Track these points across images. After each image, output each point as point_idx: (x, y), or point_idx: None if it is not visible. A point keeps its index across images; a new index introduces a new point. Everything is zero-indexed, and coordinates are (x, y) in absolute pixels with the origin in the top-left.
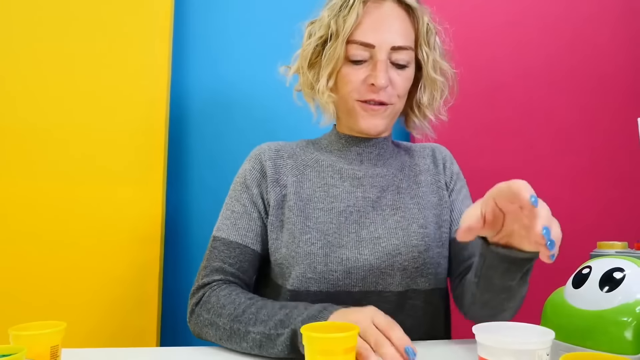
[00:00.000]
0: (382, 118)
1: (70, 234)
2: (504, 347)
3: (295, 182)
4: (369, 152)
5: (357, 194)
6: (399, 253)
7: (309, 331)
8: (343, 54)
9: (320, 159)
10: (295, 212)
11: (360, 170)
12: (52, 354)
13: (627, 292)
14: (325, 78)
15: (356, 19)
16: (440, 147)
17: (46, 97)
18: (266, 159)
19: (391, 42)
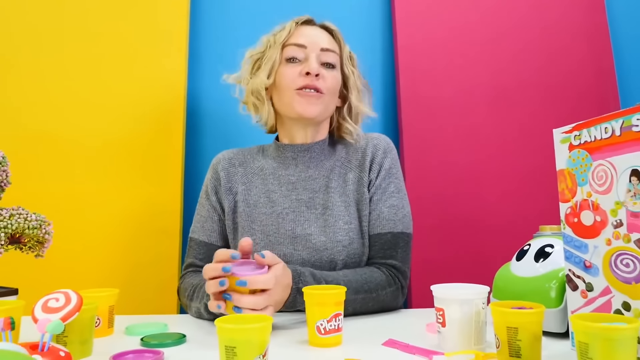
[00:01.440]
0: (316, 105)
1: (100, 227)
2: (451, 298)
3: (244, 190)
4: (302, 156)
5: (292, 197)
6: (326, 248)
7: (308, 289)
8: (279, 56)
9: (265, 167)
10: (244, 218)
11: (294, 175)
12: (109, 311)
13: (554, 262)
14: (265, 74)
15: (289, 32)
16: (376, 139)
17: (80, 106)
18: (220, 169)
19: (320, 44)
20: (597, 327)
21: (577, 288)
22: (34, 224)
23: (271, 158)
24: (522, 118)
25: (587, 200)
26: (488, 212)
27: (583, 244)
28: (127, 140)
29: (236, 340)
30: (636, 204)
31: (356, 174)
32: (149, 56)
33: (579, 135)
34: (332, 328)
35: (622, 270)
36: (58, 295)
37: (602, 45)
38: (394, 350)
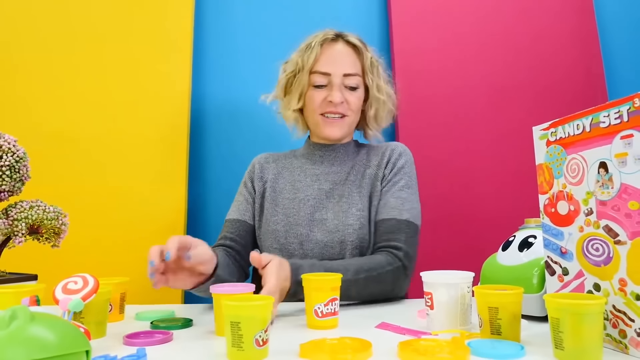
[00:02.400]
0: (340, 127)
1: (110, 223)
2: (439, 282)
3: (273, 179)
4: (328, 155)
5: (315, 186)
6: (338, 230)
7: (307, 276)
8: (307, 81)
9: (294, 163)
10: (269, 201)
11: (319, 169)
12: (121, 298)
13: (536, 252)
14: (295, 99)
15: (315, 56)
16: (396, 145)
17: (91, 108)
18: (256, 163)
19: (342, 70)
20: (566, 302)
21: (554, 273)
22: (52, 215)
23: (301, 156)
24: (513, 119)
25: (562, 191)
26: (478, 207)
27: (559, 232)
28: (134, 141)
29: (241, 316)
30: (604, 193)
31: (373, 170)
32: (155, 60)
33: (555, 132)
34: (329, 311)
35: (592, 255)
36: (76, 278)
37: (592, 48)
38: (386, 332)
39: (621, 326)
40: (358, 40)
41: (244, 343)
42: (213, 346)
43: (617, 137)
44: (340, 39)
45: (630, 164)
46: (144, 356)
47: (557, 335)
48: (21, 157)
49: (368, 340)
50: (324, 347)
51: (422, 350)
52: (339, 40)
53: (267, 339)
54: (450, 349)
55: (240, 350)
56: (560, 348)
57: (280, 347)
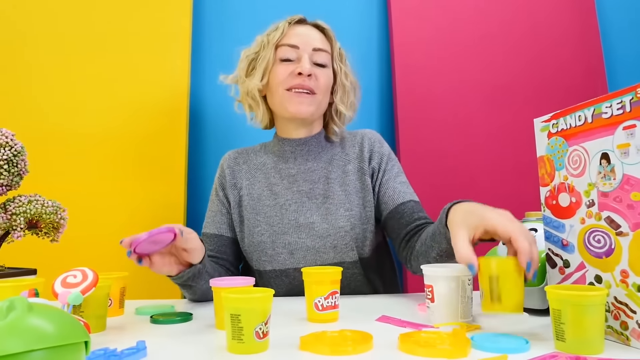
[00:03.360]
0: (309, 104)
1: (109, 218)
2: (439, 275)
3: (248, 184)
4: (300, 149)
5: (293, 188)
6: (329, 234)
7: (308, 269)
8: (273, 56)
9: (266, 162)
10: (249, 210)
11: (294, 168)
12: (120, 293)
13: (537, 244)
14: (259, 76)
15: (282, 32)
16: (369, 133)
17: (90, 106)
18: (226, 167)
19: (312, 44)
20: (567, 294)
21: (555, 265)
22: (50, 209)
23: (271, 153)
24: (512, 112)
25: (564, 183)
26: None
27: (561, 224)
28: (134, 137)
29: (241, 308)
30: (606, 185)
31: (355, 164)
32: (153, 58)
33: (556, 124)
34: (329, 305)
35: (594, 246)
36: (75, 272)
37: (592, 42)
38: (387, 325)
39: (623, 318)
40: (327, 25)
41: (244, 335)
42: (213, 339)
43: (619, 127)
44: (308, 23)
45: (633, 154)
46: (144, 349)
47: (559, 327)
48: (19, 151)
49: (369, 333)
50: (325, 340)
51: (422, 342)
52: (307, 23)
53: (267, 332)
54: (451, 341)
55: (240, 342)
56: (561, 340)
57: (280, 340)
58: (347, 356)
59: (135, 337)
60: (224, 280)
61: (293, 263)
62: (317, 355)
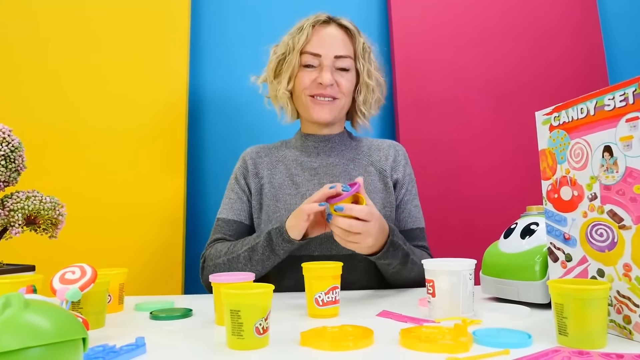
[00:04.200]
0: (330, 110)
1: (109, 214)
2: (440, 269)
3: (269, 174)
4: (323, 145)
5: (315, 181)
6: None
7: (308, 265)
8: (298, 62)
9: (288, 155)
10: (269, 197)
11: (316, 162)
12: (120, 289)
13: (538, 238)
14: (286, 80)
15: (307, 37)
16: (398, 146)
17: (91, 102)
18: (248, 159)
19: (334, 52)
20: (570, 288)
21: (557, 259)
22: (49, 205)
23: (294, 147)
24: (513, 108)
25: (565, 176)
26: (480, 195)
27: (563, 218)
28: (133, 133)
29: (241, 304)
30: (608, 178)
31: (377, 167)
32: (152, 53)
33: (558, 117)
34: (330, 300)
35: (596, 240)
36: (74, 268)
37: (594, 39)
38: (387, 320)
39: (625, 312)
40: (351, 23)
41: (244, 331)
42: (213, 335)
43: (622, 120)
44: (333, 22)
45: (636, 147)
46: (143, 345)
47: (561, 321)
48: (16, 147)
49: (369, 328)
50: (325, 335)
51: (423, 337)
52: (331, 23)
53: (267, 327)
54: (453, 335)
55: (240, 338)
56: (564, 334)
57: (280, 336)
58: (347, 351)
59: (135, 334)
60: (223, 276)
61: (309, 250)
62: (317, 351)
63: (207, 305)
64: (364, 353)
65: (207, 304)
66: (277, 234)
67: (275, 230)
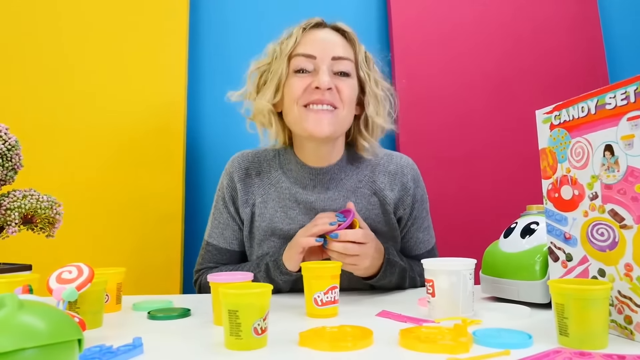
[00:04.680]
0: (329, 122)
1: (107, 212)
2: (440, 269)
3: (261, 202)
4: (321, 179)
5: (310, 215)
6: None
7: (307, 264)
8: (286, 67)
9: (281, 181)
10: (260, 231)
11: (312, 196)
12: (117, 288)
13: (539, 238)
14: (272, 91)
15: (296, 41)
16: (407, 168)
17: (89, 101)
18: (237, 180)
19: (331, 52)
20: (571, 288)
21: (558, 259)
22: (46, 204)
23: (288, 170)
24: (513, 106)
25: (566, 175)
26: (480, 194)
27: (563, 217)
28: (131, 131)
29: (239, 304)
30: (609, 177)
31: (381, 197)
32: (151, 51)
33: (559, 115)
34: (329, 300)
35: (597, 240)
36: (71, 268)
37: (593, 34)
38: (387, 320)
39: (627, 312)
40: (349, 28)
41: (242, 332)
42: (211, 335)
43: (623, 118)
44: (326, 26)
45: (637, 146)
46: (140, 345)
47: (562, 322)
48: (13, 145)
49: (369, 328)
50: (324, 335)
51: (423, 338)
52: (325, 26)
53: (265, 328)
54: (453, 336)
55: (238, 339)
56: (564, 334)
57: (279, 336)
58: (347, 352)
59: (132, 334)
60: (221, 276)
61: None
62: (316, 352)
63: (205, 305)
64: (363, 354)
65: (206, 303)
66: (274, 267)
67: (272, 263)
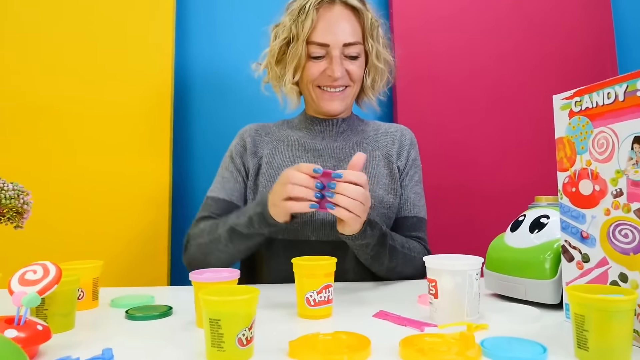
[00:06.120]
0: (341, 100)
1: (94, 198)
2: (444, 269)
3: (269, 154)
4: (329, 130)
5: (318, 163)
6: None
7: (298, 261)
8: (304, 52)
9: (290, 135)
10: (266, 178)
11: (320, 144)
12: (94, 284)
13: (549, 233)
14: (291, 73)
15: (312, 24)
16: (406, 131)
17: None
18: (247, 136)
19: (342, 40)
20: (593, 298)
21: (572, 259)
22: (11, 193)
23: (297, 129)
24: (519, 90)
25: (586, 169)
26: (482, 182)
27: (580, 214)
28: (113, 112)
29: (221, 312)
30: (638, 172)
31: (383, 152)
32: (135, 25)
33: (580, 102)
34: (322, 300)
35: (620, 241)
36: (36, 267)
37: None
38: (385, 322)
39: None
40: (358, 3)
41: (224, 343)
42: (193, 342)
43: None
44: (338, 2)
45: None
46: (111, 358)
47: (581, 334)
48: None
49: (366, 336)
50: (317, 345)
51: (427, 349)
52: (336, 3)
53: (252, 337)
54: (460, 347)
55: (220, 350)
56: (583, 348)
57: (266, 344)
58: None
59: (106, 338)
60: (204, 274)
61: (305, 235)
62: None
63: (189, 300)
64: None
65: (190, 298)
66: (259, 220)
67: (257, 216)
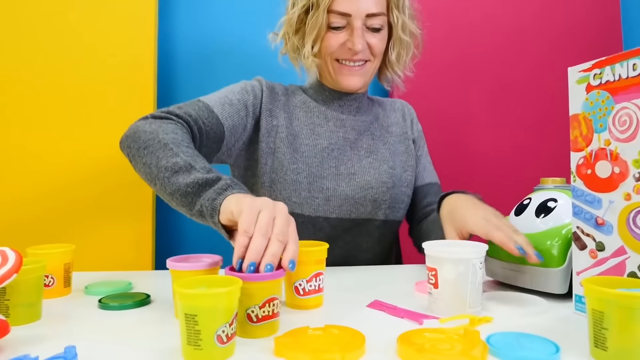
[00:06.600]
0: (360, 76)
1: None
2: (445, 257)
3: (286, 118)
4: (349, 105)
5: (339, 134)
6: (371, 187)
7: None
8: (325, 22)
9: (308, 101)
10: (285, 143)
11: (343, 114)
12: (65, 270)
13: (557, 218)
14: (310, 44)
15: None
16: (407, 104)
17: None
18: (265, 88)
19: (365, 10)
20: (616, 294)
21: (585, 247)
22: None
23: (313, 98)
24: (522, 65)
25: (604, 149)
26: (485, 163)
27: (596, 199)
28: (92, 88)
29: (197, 307)
30: None
31: (398, 128)
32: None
33: (599, 74)
34: (313, 289)
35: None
36: None
37: None
38: (379, 313)
39: None
40: None
41: (202, 341)
42: (169, 336)
43: None
44: None
45: None
46: (74, 357)
47: (599, 332)
48: None
49: (360, 332)
50: (306, 342)
51: (427, 347)
52: None
53: (233, 333)
54: (463, 345)
55: (197, 349)
56: (602, 347)
57: (250, 341)
58: None
59: (75, 330)
60: (183, 261)
61: (326, 211)
62: None
63: (167, 290)
64: None
65: (168, 288)
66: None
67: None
